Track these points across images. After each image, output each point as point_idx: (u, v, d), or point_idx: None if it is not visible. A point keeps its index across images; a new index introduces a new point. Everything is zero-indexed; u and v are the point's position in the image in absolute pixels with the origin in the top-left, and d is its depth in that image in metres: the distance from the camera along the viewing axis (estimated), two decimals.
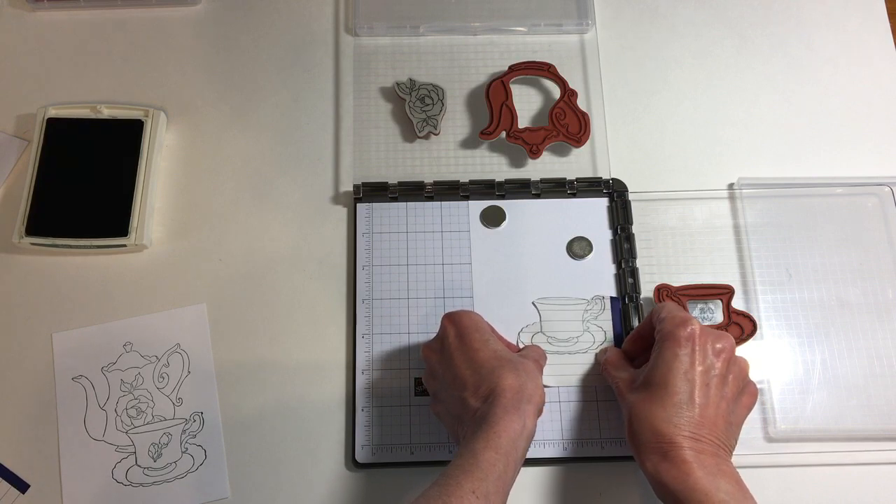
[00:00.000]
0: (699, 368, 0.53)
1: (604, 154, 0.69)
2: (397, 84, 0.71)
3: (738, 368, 0.55)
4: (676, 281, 0.65)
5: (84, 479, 0.60)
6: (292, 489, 0.60)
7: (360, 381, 0.62)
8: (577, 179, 0.67)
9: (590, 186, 0.68)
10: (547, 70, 0.71)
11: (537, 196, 0.68)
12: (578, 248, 0.66)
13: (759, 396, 0.61)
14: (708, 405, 0.52)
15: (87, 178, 0.66)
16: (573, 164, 0.69)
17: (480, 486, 0.47)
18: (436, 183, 0.67)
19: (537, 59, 0.72)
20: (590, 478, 0.60)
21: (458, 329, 0.57)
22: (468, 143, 0.70)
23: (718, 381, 0.53)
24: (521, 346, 0.63)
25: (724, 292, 0.64)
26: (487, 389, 0.52)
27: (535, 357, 0.58)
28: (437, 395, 0.58)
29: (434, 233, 0.66)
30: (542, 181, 0.67)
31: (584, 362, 0.62)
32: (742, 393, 0.55)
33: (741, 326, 0.63)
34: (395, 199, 0.67)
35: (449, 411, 0.56)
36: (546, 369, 0.61)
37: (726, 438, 0.53)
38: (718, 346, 0.54)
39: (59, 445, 0.60)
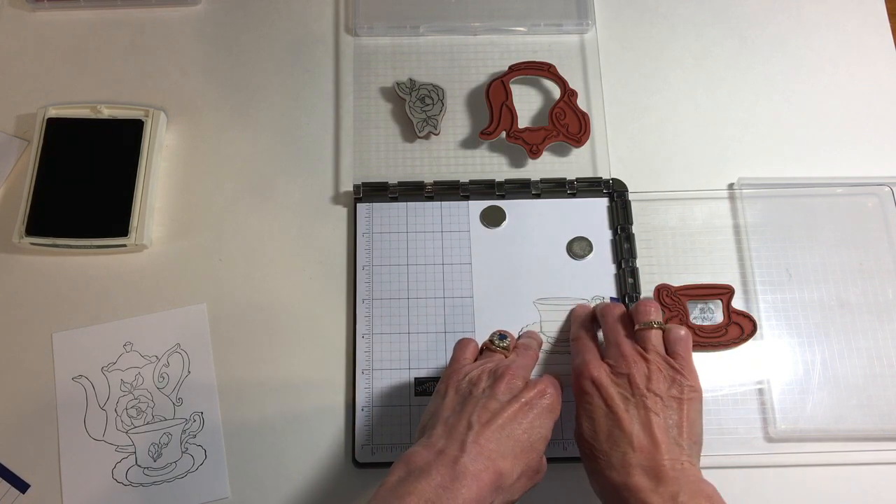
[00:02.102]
0: (618, 404, 0.52)
1: (604, 154, 0.69)
2: (397, 84, 0.71)
3: (653, 371, 0.54)
4: (676, 281, 0.65)
5: (84, 479, 0.60)
6: (292, 489, 0.60)
7: (360, 381, 0.62)
8: (577, 179, 0.67)
9: (590, 186, 0.68)
10: (547, 70, 0.71)
11: (537, 196, 0.68)
12: (578, 248, 0.66)
13: (759, 395, 0.61)
14: (641, 427, 0.51)
15: (87, 178, 0.66)
16: (573, 164, 0.69)
17: None
18: (436, 183, 0.67)
19: (537, 59, 0.72)
20: None
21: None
22: (468, 143, 0.70)
23: (640, 401, 0.52)
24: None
25: (724, 292, 0.64)
26: None
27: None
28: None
29: (434, 233, 0.66)
30: (542, 181, 0.67)
31: None
32: (671, 387, 0.53)
33: (741, 326, 0.63)
34: (395, 199, 0.67)
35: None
36: (546, 369, 0.61)
37: (679, 446, 0.51)
38: (623, 370, 0.54)
39: (59, 445, 0.60)
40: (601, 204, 0.68)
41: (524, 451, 0.50)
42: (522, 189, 0.67)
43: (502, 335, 0.58)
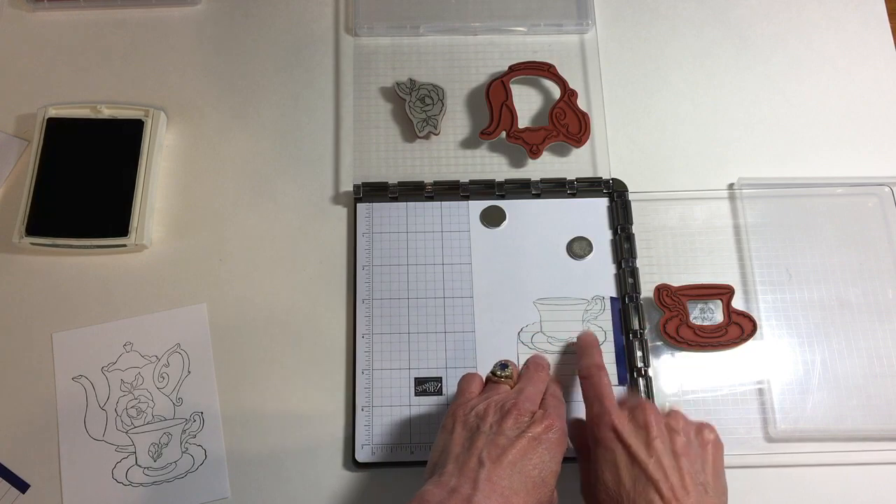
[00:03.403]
0: (642, 450, 0.50)
1: (604, 154, 0.69)
2: (397, 84, 0.71)
3: (675, 425, 0.52)
4: (676, 281, 0.65)
5: (84, 479, 0.60)
6: (292, 489, 0.60)
7: (360, 381, 0.62)
8: (577, 179, 0.67)
9: (590, 186, 0.68)
10: (547, 70, 0.71)
11: (537, 196, 0.68)
12: (578, 248, 0.66)
13: (759, 395, 0.61)
14: (668, 474, 0.49)
15: (87, 178, 0.66)
16: (573, 164, 0.69)
17: None
18: (436, 183, 0.67)
19: (537, 59, 0.72)
20: None
21: None
22: (468, 143, 0.70)
23: (665, 446, 0.51)
24: (520, 345, 0.63)
25: (724, 292, 0.64)
26: None
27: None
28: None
29: (434, 233, 0.66)
30: (542, 181, 0.67)
31: None
32: (694, 430, 0.52)
33: (741, 326, 0.63)
34: (395, 199, 0.67)
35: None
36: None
37: (707, 494, 0.49)
38: (647, 418, 0.52)
39: (59, 445, 0.60)
40: (601, 204, 0.68)
41: (536, 486, 0.49)
42: (522, 189, 0.67)
43: (503, 364, 0.57)
